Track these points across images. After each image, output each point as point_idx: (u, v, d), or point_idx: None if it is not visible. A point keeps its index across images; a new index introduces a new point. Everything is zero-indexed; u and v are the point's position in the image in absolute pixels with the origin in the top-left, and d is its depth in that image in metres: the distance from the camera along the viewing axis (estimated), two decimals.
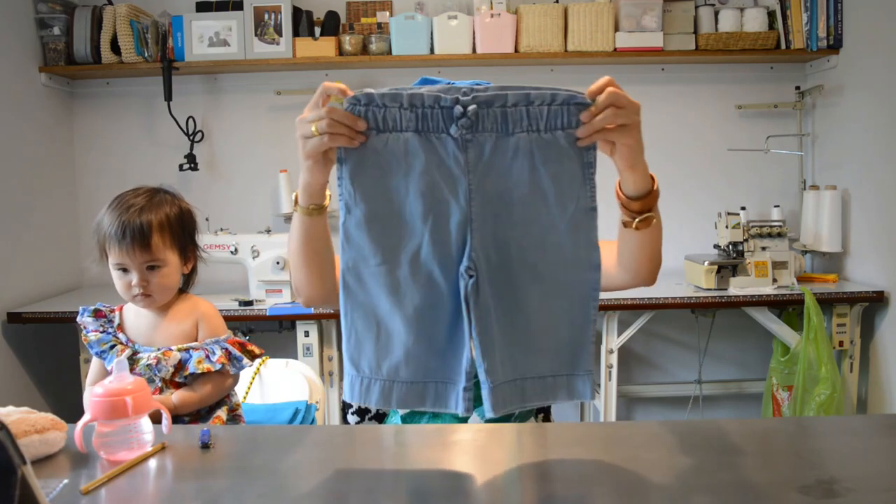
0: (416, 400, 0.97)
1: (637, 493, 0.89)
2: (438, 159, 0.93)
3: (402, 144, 0.93)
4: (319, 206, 1.08)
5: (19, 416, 1.01)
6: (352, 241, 0.96)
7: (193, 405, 1.32)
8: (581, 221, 0.96)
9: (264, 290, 2.61)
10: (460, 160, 0.93)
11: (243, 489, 0.92)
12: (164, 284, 1.34)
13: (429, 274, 0.96)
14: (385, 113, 0.93)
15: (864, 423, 1.27)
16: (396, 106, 0.92)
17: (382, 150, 0.94)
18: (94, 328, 1.36)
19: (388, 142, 0.93)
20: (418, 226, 0.95)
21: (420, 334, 0.96)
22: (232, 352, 1.35)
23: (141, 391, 1.04)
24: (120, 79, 3.05)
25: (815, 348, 2.51)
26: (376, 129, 0.94)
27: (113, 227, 1.30)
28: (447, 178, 0.93)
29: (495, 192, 0.94)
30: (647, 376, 3.23)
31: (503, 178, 0.94)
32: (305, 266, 1.15)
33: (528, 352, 0.98)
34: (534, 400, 0.99)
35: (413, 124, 0.93)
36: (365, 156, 0.94)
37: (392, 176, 0.94)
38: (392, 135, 0.93)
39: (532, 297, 0.97)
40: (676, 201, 3.06)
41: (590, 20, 2.82)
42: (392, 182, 0.95)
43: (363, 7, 3.01)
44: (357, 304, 0.98)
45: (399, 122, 0.93)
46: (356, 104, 0.93)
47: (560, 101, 0.91)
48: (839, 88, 2.85)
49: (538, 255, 0.96)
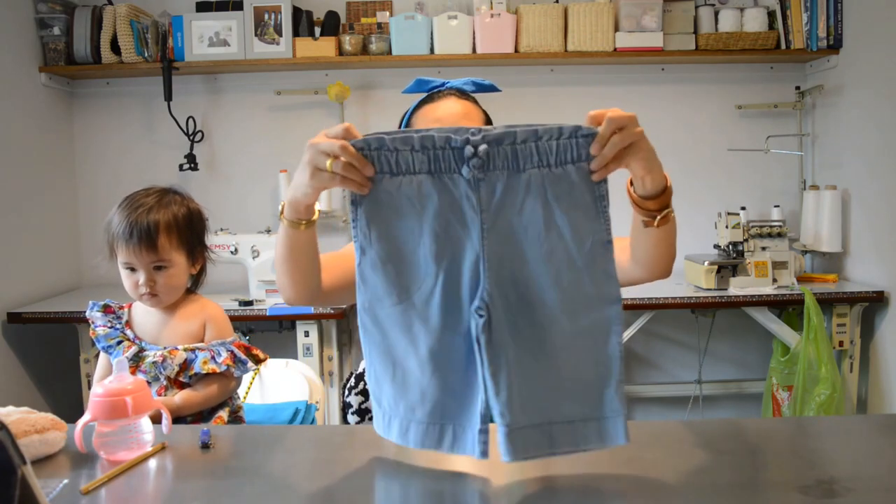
0: (433, 441, 0.96)
1: (637, 493, 0.89)
2: (451, 199, 0.93)
3: (415, 187, 0.93)
4: (308, 221, 1.07)
5: (19, 416, 1.01)
6: (367, 281, 0.96)
7: (197, 406, 1.33)
8: (598, 255, 0.93)
9: (264, 290, 2.61)
10: (472, 200, 0.92)
11: (243, 489, 0.92)
12: (170, 285, 1.34)
13: (442, 315, 0.95)
14: (397, 156, 0.93)
15: (864, 423, 1.27)
16: (408, 149, 0.92)
17: (396, 193, 0.94)
18: (102, 323, 1.37)
19: (402, 185, 0.93)
20: (432, 267, 0.94)
21: (435, 375, 0.95)
22: (237, 354, 1.36)
23: (141, 391, 1.04)
24: (120, 79, 3.05)
25: (815, 348, 2.51)
26: (389, 173, 0.94)
27: (121, 226, 1.31)
28: (460, 219, 0.93)
29: (509, 231, 0.93)
30: (647, 376, 3.23)
31: (516, 216, 0.93)
32: (289, 272, 1.15)
33: (553, 394, 0.94)
34: (564, 446, 0.93)
35: (425, 166, 0.92)
36: (379, 198, 0.94)
37: (406, 217, 0.94)
38: (405, 177, 0.93)
39: (553, 336, 0.94)
40: (676, 201, 3.02)
41: (590, 20, 2.82)
42: (406, 223, 0.94)
43: (363, 7, 3.01)
44: (374, 343, 0.98)
45: (412, 164, 0.93)
46: (366, 148, 0.93)
47: (567, 135, 0.90)
48: (839, 88, 2.85)
49: (556, 293, 0.94)
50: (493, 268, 0.93)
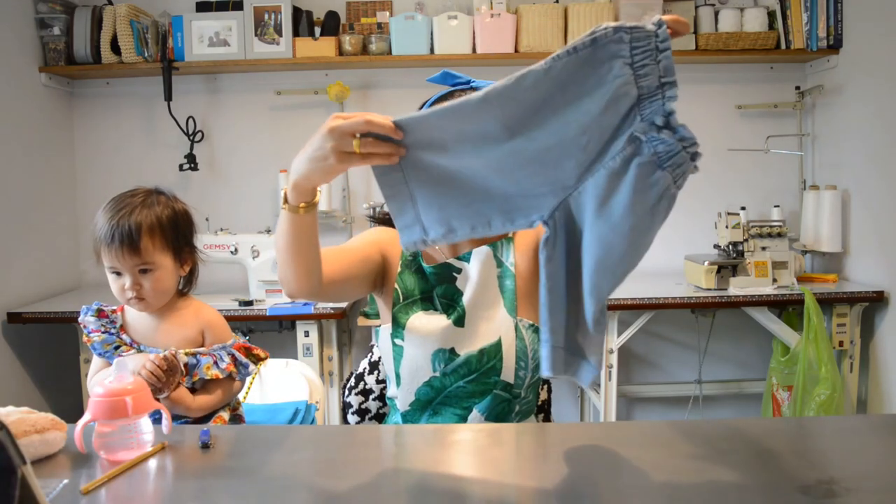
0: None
1: (637, 493, 0.89)
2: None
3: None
4: (310, 204, 1.08)
5: (19, 416, 1.01)
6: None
7: (206, 409, 1.34)
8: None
9: (264, 290, 2.61)
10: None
11: (243, 489, 0.92)
12: (157, 288, 1.31)
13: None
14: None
15: (864, 423, 1.27)
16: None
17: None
18: (95, 328, 1.35)
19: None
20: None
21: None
22: (239, 358, 1.36)
23: (141, 391, 1.04)
24: (120, 79, 3.05)
25: (815, 348, 2.51)
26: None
27: (104, 230, 1.28)
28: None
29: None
30: (647, 376, 3.23)
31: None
32: (293, 262, 1.14)
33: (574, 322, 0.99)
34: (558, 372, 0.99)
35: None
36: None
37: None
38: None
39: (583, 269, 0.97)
40: (677, 201, 3.06)
41: (590, 20, 2.82)
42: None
43: (363, 7, 3.01)
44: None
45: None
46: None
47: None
48: (839, 88, 2.85)
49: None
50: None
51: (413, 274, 1.32)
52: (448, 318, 1.28)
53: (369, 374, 1.50)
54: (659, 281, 2.78)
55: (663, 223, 0.94)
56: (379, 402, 1.49)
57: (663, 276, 2.87)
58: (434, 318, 1.28)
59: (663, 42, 0.83)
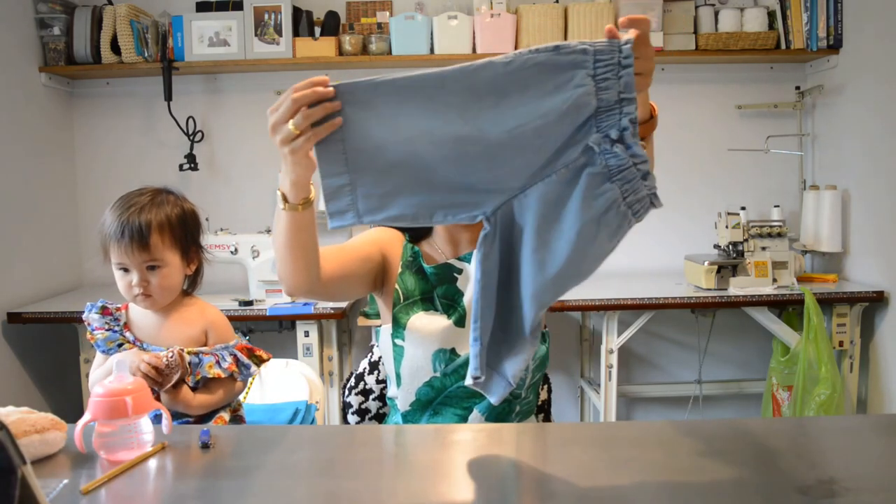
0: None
1: (637, 493, 0.89)
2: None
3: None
4: (307, 200, 1.08)
5: (19, 416, 1.01)
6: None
7: (207, 409, 1.34)
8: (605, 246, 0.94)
9: (264, 290, 2.61)
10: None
11: (243, 489, 0.92)
12: (164, 285, 1.33)
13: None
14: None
15: (864, 423, 1.27)
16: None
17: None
18: (99, 325, 1.36)
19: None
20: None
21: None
22: (241, 359, 1.36)
23: (141, 391, 1.04)
24: (120, 79, 3.05)
25: (815, 348, 2.51)
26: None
27: (113, 226, 1.30)
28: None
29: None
30: (647, 376, 3.23)
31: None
32: (292, 260, 1.14)
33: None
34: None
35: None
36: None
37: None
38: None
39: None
40: (677, 201, 3.06)
41: (590, 20, 2.82)
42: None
43: (363, 7, 3.01)
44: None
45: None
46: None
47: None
48: (839, 88, 2.85)
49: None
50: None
51: (413, 274, 1.32)
52: (449, 319, 1.28)
53: (369, 374, 1.50)
54: (659, 281, 2.78)
55: (615, 241, 0.93)
56: (379, 402, 1.49)
57: (663, 276, 2.87)
58: (435, 319, 1.28)
59: (626, 59, 0.86)
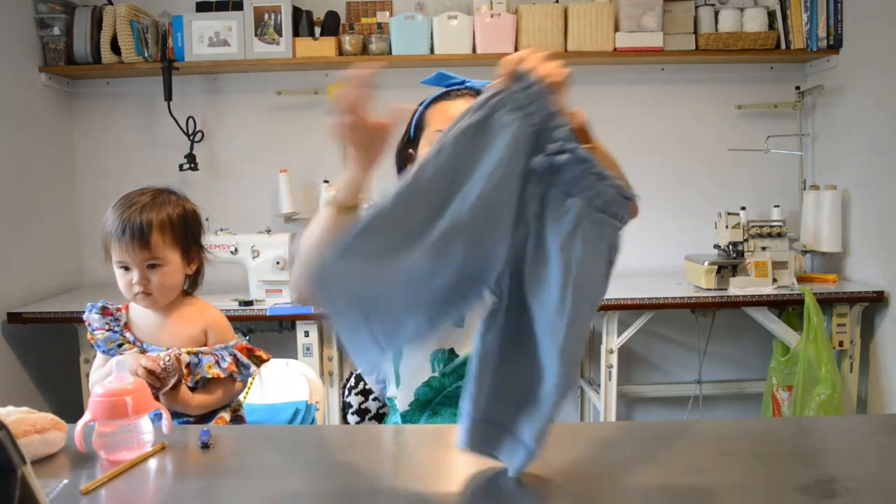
0: None
1: (637, 493, 0.89)
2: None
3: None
4: (354, 206, 1.08)
5: (19, 416, 1.01)
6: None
7: (206, 409, 1.34)
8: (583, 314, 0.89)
9: (264, 290, 2.61)
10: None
11: (243, 489, 0.92)
12: (164, 284, 1.34)
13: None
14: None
15: (864, 423, 1.27)
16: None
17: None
18: (99, 325, 1.36)
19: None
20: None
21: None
22: (240, 359, 1.36)
23: (141, 391, 1.04)
24: (120, 79, 3.05)
25: (815, 348, 2.51)
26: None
27: (114, 224, 1.31)
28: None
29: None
30: (647, 376, 3.23)
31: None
32: None
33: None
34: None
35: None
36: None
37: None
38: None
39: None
40: (676, 201, 3.07)
41: (590, 20, 2.82)
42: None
43: (363, 7, 3.01)
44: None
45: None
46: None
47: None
48: (839, 88, 2.85)
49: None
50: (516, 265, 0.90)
51: None
52: None
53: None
54: (659, 281, 2.78)
55: (608, 255, 0.89)
56: (379, 402, 1.49)
57: (663, 276, 2.87)
58: None
59: (535, 85, 0.92)
